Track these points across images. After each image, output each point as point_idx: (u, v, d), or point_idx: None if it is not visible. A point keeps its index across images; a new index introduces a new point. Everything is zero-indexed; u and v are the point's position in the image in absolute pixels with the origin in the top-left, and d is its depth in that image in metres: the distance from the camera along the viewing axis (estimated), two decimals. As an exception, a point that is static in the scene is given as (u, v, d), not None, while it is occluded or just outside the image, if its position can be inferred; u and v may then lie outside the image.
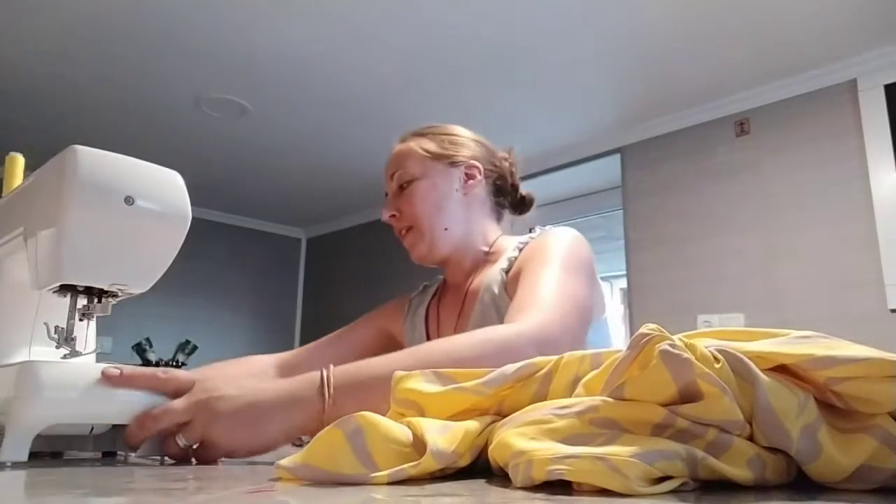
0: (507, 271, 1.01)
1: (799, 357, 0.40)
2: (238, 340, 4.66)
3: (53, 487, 0.46)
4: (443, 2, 2.26)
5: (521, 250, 1.02)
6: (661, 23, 2.35)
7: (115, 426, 0.68)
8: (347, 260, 4.71)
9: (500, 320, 0.94)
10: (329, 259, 4.90)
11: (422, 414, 0.51)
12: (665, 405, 0.40)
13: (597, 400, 0.42)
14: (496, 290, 1.00)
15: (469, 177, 1.10)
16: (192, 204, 0.75)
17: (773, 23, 2.33)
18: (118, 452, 0.71)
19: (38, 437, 0.61)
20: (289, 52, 2.59)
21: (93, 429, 0.67)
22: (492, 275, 1.03)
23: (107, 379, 0.64)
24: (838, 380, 0.39)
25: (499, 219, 1.17)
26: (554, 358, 0.50)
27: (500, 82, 2.78)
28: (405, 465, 0.43)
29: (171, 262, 0.75)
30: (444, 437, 0.45)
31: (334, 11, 2.33)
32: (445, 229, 1.07)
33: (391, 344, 1.16)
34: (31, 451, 0.60)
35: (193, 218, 0.75)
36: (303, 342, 5.10)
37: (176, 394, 0.66)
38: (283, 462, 0.45)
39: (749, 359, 0.40)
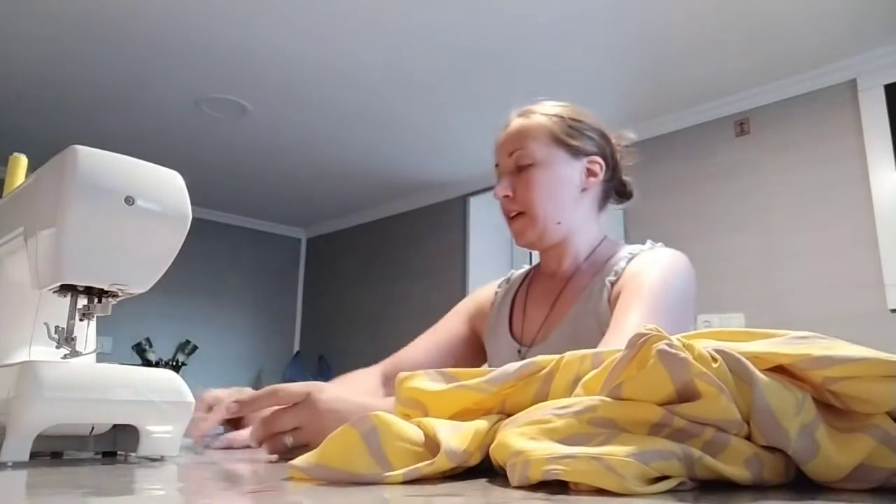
0: (613, 283, 0.99)
1: (796, 357, 0.40)
2: (238, 340, 4.67)
3: (53, 487, 0.46)
4: (442, 2, 2.27)
5: (629, 260, 1.01)
6: (661, 23, 2.35)
7: (115, 426, 0.68)
8: (347, 260, 4.71)
9: (598, 330, 0.94)
10: (329, 259, 4.91)
11: (426, 413, 0.51)
12: (663, 405, 0.40)
13: (595, 400, 0.42)
14: (600, 299, 0.98)
15: (591, 173, 1.07)
16: (192, 204, 0.75)
17: (773, 23, 2.33)
18: (118, 452, 0.71)
19: (39, 437, 0.61)
20: (289, 52, 2.60)
21: (93, 429, 0.67)
22: (595, 282, 1.01)
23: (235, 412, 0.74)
24: (836, 379, 0.39)
25: (602, 211, 1.13)
26: (555, 357, 0.50)
27: (500, 82, 2.78)
28: (420, 465, 0.43)
29: (171, 262, 0.75)
30: (456, 436, 0.46)
31: (334, 12, 2.33)
32: (558, 223, 1.04)
33: (479, 341, 1.16)
34: (32, 451, 0.60)
35: (193, 218, 0.75)
36: (303, 342, 5.11)
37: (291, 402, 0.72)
38: (296, 462, 0.45)
39: (747, 359, 0.40)
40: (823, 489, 0.39)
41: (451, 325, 1.18)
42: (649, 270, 0.96)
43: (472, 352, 1.16)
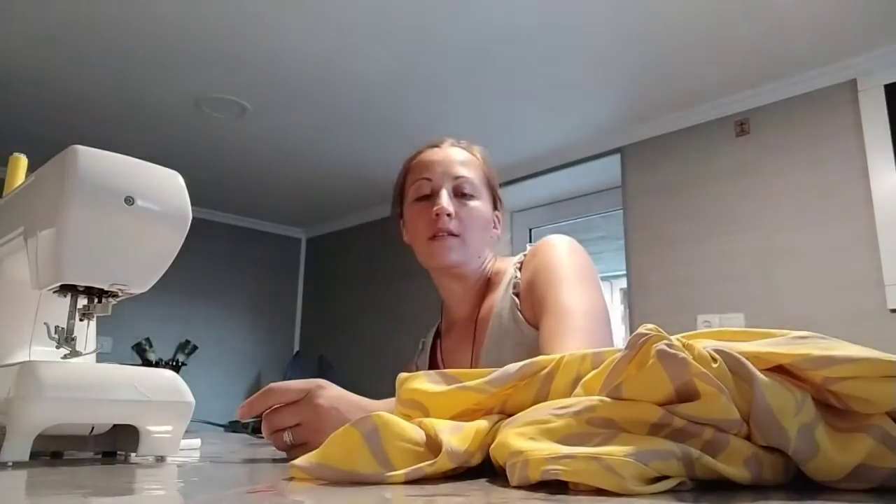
0: (516, 294, 1.04)
1: (796, 357, 0.40)
2: (238, 340, 4.67)
3: (53, 487, 0.46)
4: (442, 2, 2.27)
5: (519, 268, 1.07)
6: (661, 23, 2.35)
7: (115, 426, 0.68)
8: (347, 260, 4.71)
9: (513, 344, 0.99)
10: (329, 259, 4.91)
11: (426, 414, 0.51)
12: (662, 405, 0.40)
13: (594, 400, 0.42)
14: (506, 316, 1.03)
15: (495, 225, 1.15)
16: (192, 204, 0.75)
17: (773, 23, 2.33)
18: (118, 452, 0.71)
19: (39, 437, 0.61)
20: (289, 52, 2.60)
21: (93, 429, 0.67)
22: (499, 300, 1.06)
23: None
24: (836, 379, 0.39)
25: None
26: (556, 357, 0.50)
27: (499, 83, 2.78)
28: (422, 464, 0.43)
29: (171, 262, 0.75)
30: (457, 436, 0.46)
31: (334, 12, 2.33)
32: (479, 257, 1.11)
33: None
34: (32, 451, 0.60)
35: (193, 218, 0.75)
36: (303, 342, 5.10)
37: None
38: (298, 462, 0.45)
39: (746, 358, 0.40)
40: (823, 489, 0.39)
41: None
42: (553, 260, 1.01)
43: None
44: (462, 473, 0.47)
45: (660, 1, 2.23)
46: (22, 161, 0.90)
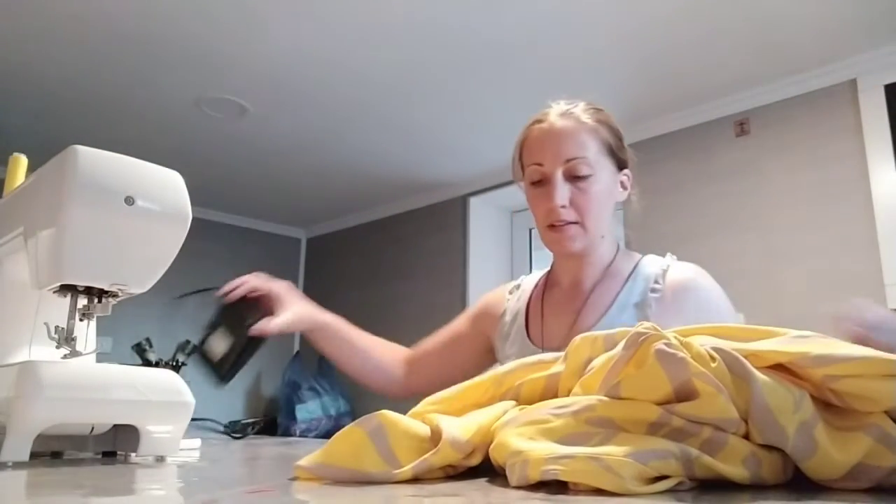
0: (637, 305, 1.01)
1: (795, 355, 0.40)
2: (238, 340, 4.66)
3: (53, 487, 0.46)
4: (442, 2, 2.27)
5: (654, 290, 1.03)
6: (661, 23, 2.35)
7: (115, 426, 0.68)
8: (347, 260, 4.71)
9: None
10: (329, 259, 4.90)
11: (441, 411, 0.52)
12: (661, 404, 0.40)
13: (593, 399, 0.42)
14: (631, 312, 1.01)
15: (623, 185, 1.09)
16: (192, 204, 0.75)
17: (773, 23, 2.33)
18: (118, 452, 0.71)
19: (39, 437, 0.61)
20: (289, 52, 2.60)
21: (93, 429, 0.67)
22: (626, 294, 1.03)
23: None
24: (836, 377, 0.39)
25: None
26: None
27: (499, 82, 2.78)
28: (426, 455, 0.43)
29: (171, 262, 0.75)
30: (459, 428, 0.46)
31: (334, 12, 2.33)
32: (602, 236, 1.06)
33: (485, 343, 1.19)
34: (32, 451, 0.60)
35: (193, 218, 0.75)
36: (303, 342, 5.09)
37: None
38: (302, 462, 0.45)
39: (745, 357, 0.40)
40: (822, 489, 0.39)
41: (458, 325, 1.23)
42: (710, 308, 1.01)
43: (477, 352, 1.19)
44: (462, 473, 0.47)
45: (660, 1, 2.23)
46: (22, 161, 0.90)
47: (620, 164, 1.08)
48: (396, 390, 1.21)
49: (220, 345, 0.98)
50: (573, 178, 1.02)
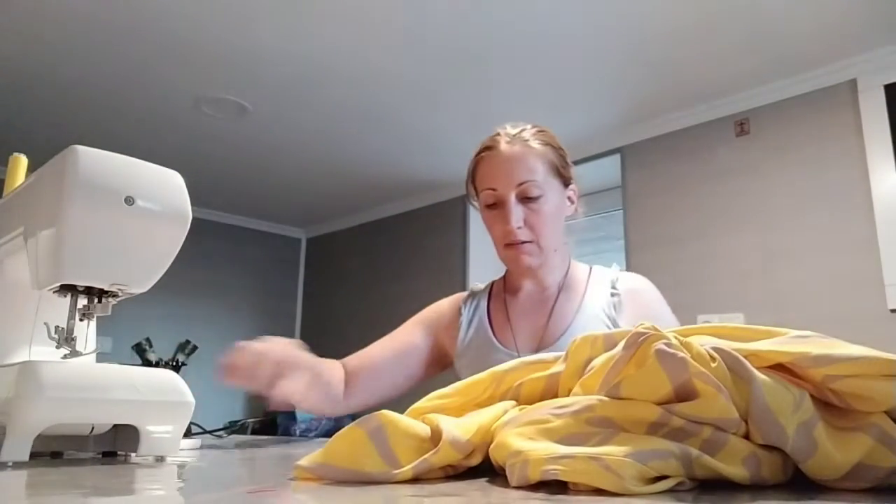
0: (602, 308, 1.10)
1: (796, 355, 0.40)
2: (238, 340, 4.66)
3: (53, 487, 0.46)
4: (442, 3, 2.27)
5: (613, 295, 1.12)
6: (661, 23, 2.35)
7: (115, 426, 0.68)
8: (347, 260, 4.71)
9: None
10: (329, 259, 4.90)
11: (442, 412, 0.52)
12: (661, 404, 0.40)
13: (593, 399, 0.42)
14: (601, 315, 1.09)
15: (571, 200, 1.15)
16: (192, 204, 0.75)
17: (773, 23, 2.33)
18: (118, 452, 0.71)
19: (39, 437, 0.61)
20: (289, 51, 2.60)
21: (93, 429, 0.67)
22: (587, 302, 1.11)
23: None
24: (836, 377, 0.39)
25: None
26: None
27: (499, 82, 2.78)
28: (426, 455, 0.43)
29: (171, 262, 0.75)
30: (460, 427, 0.46)
31: (334, 12, 2.33)
32: (555, 250, 1.13)
33: (439, 352, 1.20)
34: (32, 451, 0.60)
35: (193, 218, 0.75)
36: (302, 342, 5.11)
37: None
38: (302, 462, 0.45)
39: (745, 357, 0.40)
40: (822, 489, 0.39)
41: (407, 335, 1.23)
42: (658, 310, 1.12)
43: (427, 362, 1.20)
44: (462, 473, 0.47)
45: (660, 2, 2.23)
46: (22, 161, 0.90)
47: (566, 182, 1.14)
48: (335, 407, 1.13)
49: None
50: (525, 199, 1.08)
